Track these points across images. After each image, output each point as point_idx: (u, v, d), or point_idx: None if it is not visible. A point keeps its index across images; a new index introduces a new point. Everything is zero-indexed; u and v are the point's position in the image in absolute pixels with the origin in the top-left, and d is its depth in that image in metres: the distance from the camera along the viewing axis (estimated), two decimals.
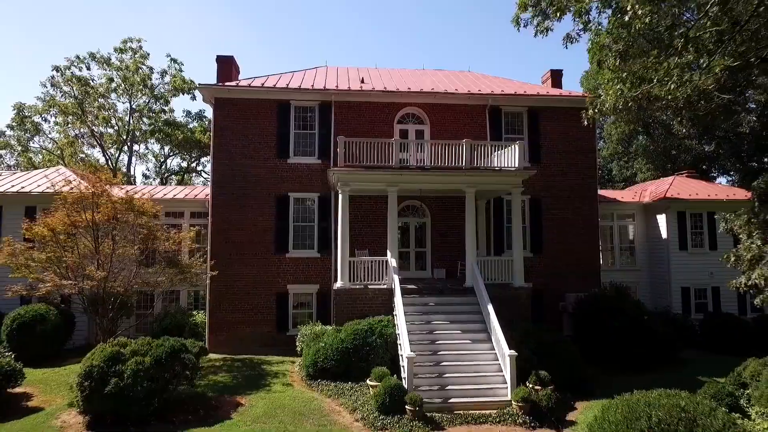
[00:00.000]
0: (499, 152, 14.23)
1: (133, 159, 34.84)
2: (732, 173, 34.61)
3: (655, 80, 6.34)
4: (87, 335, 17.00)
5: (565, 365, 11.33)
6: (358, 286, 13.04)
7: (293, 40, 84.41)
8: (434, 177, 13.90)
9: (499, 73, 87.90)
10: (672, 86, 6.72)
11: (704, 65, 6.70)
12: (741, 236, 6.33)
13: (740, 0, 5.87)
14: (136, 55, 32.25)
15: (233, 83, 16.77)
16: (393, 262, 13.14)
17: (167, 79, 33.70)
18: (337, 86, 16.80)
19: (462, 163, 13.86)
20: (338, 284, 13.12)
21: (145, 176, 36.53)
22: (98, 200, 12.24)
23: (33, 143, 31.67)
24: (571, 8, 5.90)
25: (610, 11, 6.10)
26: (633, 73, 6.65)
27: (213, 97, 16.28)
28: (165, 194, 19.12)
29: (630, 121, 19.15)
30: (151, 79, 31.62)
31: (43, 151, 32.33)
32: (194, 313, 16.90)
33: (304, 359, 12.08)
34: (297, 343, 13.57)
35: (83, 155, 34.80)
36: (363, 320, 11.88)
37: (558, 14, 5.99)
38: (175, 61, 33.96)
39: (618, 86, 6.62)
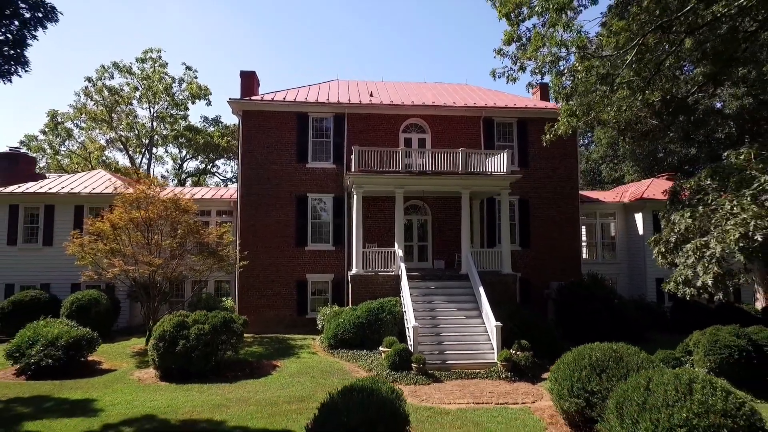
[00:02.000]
0: (490, 159, 16.51)
1: (152, 161, 37.19)
2: None
3: (592, 114, 8.59)
4: (128, 318, 19.33)
5: (543, 339, 13.59)
6: (370, 273, 15.34)
7: (297, 42, 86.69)
8: (434, 180, 16.17)
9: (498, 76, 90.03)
10: (613, 113, 8.99)
11: (639, 98, 8.95)
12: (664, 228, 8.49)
13: (653, 55, 8.11)
14: (156, 64, 34.59)
15: (258, 97, 19.07)
16: (399, 253, 15.46)
17: (183, 86, 36.05)
18: (349, 100, 19.10)
19: (458, 168, 16.13)
20: (353, 271, 15.41)
21: (163, 177, 38.94)
22: (152, 200, 14.53)
23: (62, 147, 34.00)
24: (531, 66, 8.19)
25: (566, 61, 8.33)
26: (582, 105, 8.90)
27: (241, 109, 18.58)
28: (194, 194, 21.38)
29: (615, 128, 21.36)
30: (172, 88, 33.92)
31: (72, 154, 34.67)
32: (224, 299, 19.21)
33: (325, 333, 14.38)
34: (318, 321, 15.88)
35: (104, 158, 37.15)
36: (375, 300, 14.19)
37: (521, 70, 8.27)
38: (189, 68, 36.31)
39: (565, 119, 8.88)
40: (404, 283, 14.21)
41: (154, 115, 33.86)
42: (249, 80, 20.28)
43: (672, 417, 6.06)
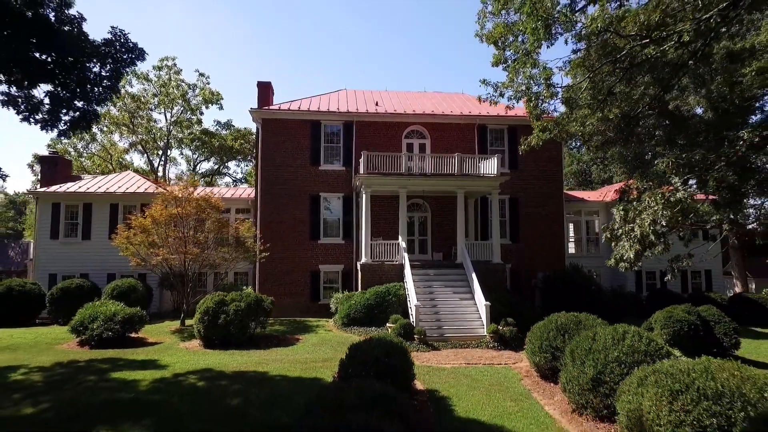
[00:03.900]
0: (483, 162, 18.69)
1: (167, 163, 39.40)
2: None
3: (556, 130, 10.74)
4: (159, 305, 21.50)
5: (526, 317, 15.70)
6: (377, 262, 17.53)
7: (299, 42, 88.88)
8: (433, 181, 18.35)
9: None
10: (577, 127, 11.15)
11: (598, 116, 11.09)
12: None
13: (604, 84, 10.27)
14: (171, 72, 36.77)
15: (276, 107, 21.26)
16: (403, 245, 17.66)
17: (197, 91, 38.23)
18: (357, 109, 21.29)
19: (454, 171, 18.30)
20: (363, 260, 17.60)
21: (178, 178, 41.13)
22: (189, 198, 16.69)
23: (85, 150, 36.20)
24: (508, 92, 10.30)
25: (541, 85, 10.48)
26: (551, 121, 11.07)
27: (260, 117, 20.76)
28: (215, 194, 23.55)
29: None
30: (187, 94, 36.14)
31: (94, 156, 36.88)
32: (243, 287, 21.36)
33: (339, 313, 16.56)
34: (331, 305, 18.07)
35: (121, 160, 39.33)
36: (382, 286, 16.37)
37: (501, 96, 10.38)
38: (202, 75, 38.50)
39: (537, 133, 11.02)
40: (407, 271, 16.39)
41: (172, 119, 36.08)
42: (265, 90, 22.48)
43: (607, 356, 8.23)
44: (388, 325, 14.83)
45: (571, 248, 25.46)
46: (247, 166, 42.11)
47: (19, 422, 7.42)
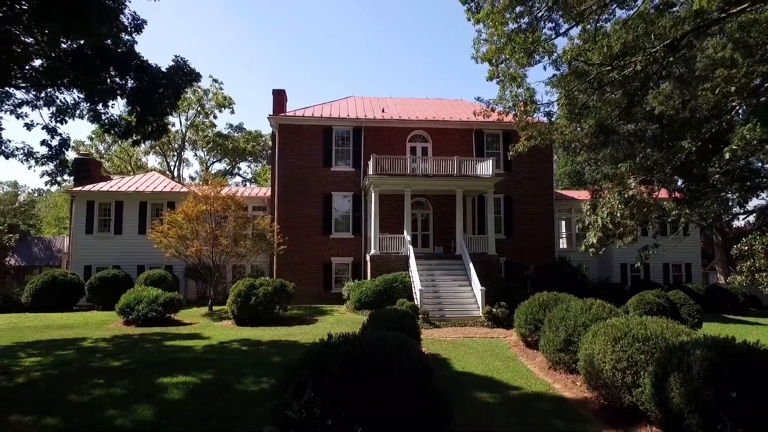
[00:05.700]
0: (480, 164, 20.72)
1: (181, 164, 41.47)
2: None
3: (540, 139, 12.75)
4: (184, 293, 23.48)
5: (517, 300, 17.65)
6: (384, 254, 19.56)
7: (298, 40, 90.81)
8: (435, 181, 20.37)
9: (491, 87, 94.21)
10: (557, 136, 13.17)
11: (576, 126, 13.08)
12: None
13: (578, 99, 12.28)
14: None
15: (292, 113, 23.31)
16: (408, 238, 19.69)
17: (210, 96, 40.26)
18: (365, 115, 23.32)
19: (454, 172, 20.33)
20: (372, 252, 19.64)
21: (192, 178, 43.29)
22: (216, 196, 18.72)
23: (107, 152, 38.29)
24: (498, 108, 12.28)
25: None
26: (535, 130, 13.08)
27: (277, 123, 22.80)
28: (234, 193, 25.57)
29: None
30: (202, 99, 38.21)
31: (114, 158, 38.98)
32: (261, 278, 23.37)
33: (351, 299, 18.58)
34: (343, 292, 20.10)
35: (137, 160, 41.37)
36: (389, 274, 18.39)
37: (492, 111, 12.37)
38: (216, 81, 40.52)
39: (523, 141, 13.03)
40: (412, 261, 18.42)
41: (187, 123, 38.16)
42: (280, 97, 24.52)
43: (577, 321, 10.24)
44: (395, 307, 16.82)
45: (563, 243, 27.49)
46: (257, 166, 44.14)
47: (111, 371, 9.43)
